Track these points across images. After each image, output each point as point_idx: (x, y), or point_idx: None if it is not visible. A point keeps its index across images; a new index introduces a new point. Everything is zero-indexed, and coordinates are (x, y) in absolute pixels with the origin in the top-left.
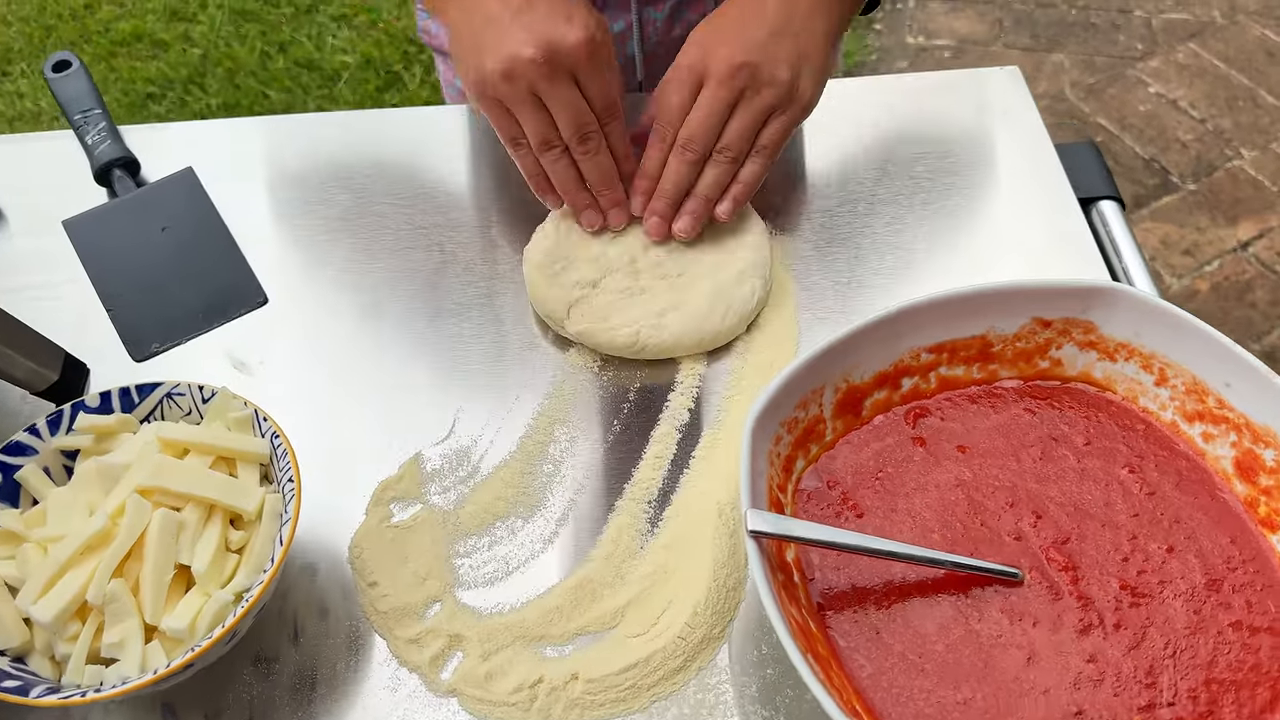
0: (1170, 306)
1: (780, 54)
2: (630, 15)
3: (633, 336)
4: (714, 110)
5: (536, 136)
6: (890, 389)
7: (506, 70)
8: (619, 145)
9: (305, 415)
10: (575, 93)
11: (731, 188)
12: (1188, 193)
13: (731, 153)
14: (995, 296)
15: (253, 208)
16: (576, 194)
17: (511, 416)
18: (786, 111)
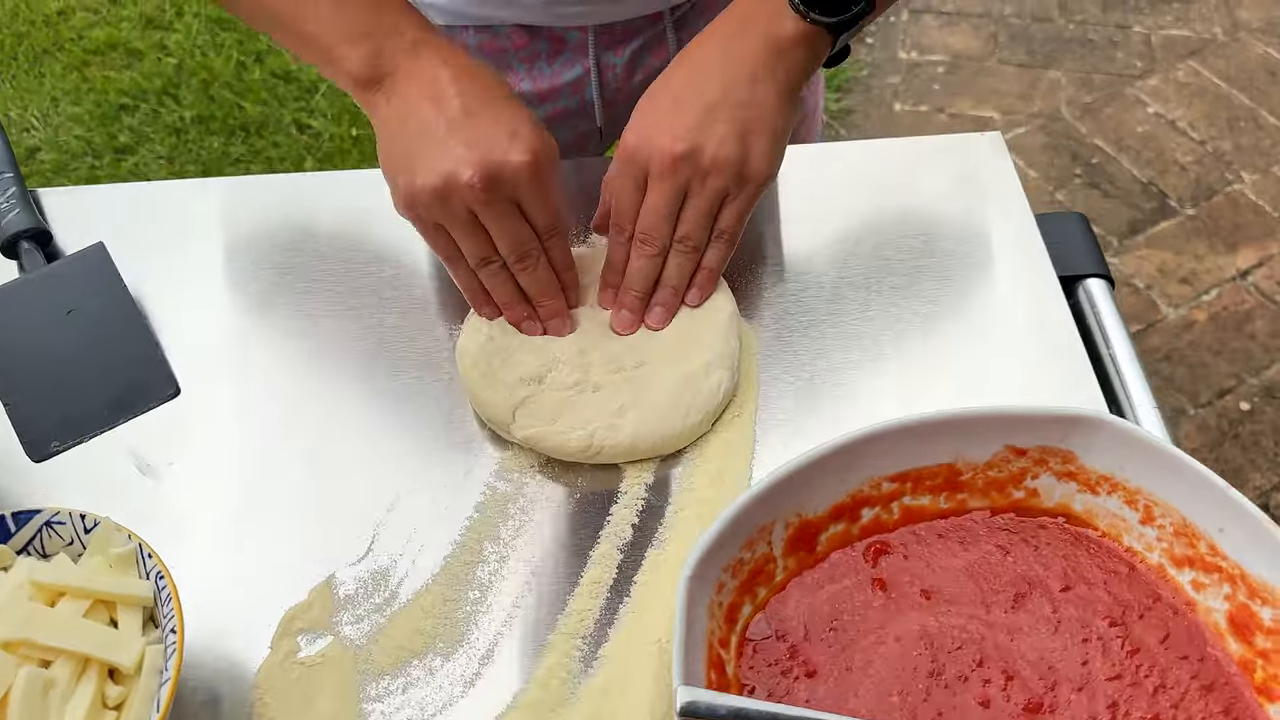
0: (1158, 440)
1: (722, 132)
2: (588, 61)
3: (586, 440)
4: (662, 205)
5: (473, 257)
6: (848, 521)
7: (440, 191)
8: (560, 258)
9: (212, 528)
10: (515, 215)
11: (697, 275)
12: (1186, 218)
13: (691, 242)
14: (964, 423)
15: (169, 284)
16: (516, 307)
17: (437, 531)
18: (741, 192)
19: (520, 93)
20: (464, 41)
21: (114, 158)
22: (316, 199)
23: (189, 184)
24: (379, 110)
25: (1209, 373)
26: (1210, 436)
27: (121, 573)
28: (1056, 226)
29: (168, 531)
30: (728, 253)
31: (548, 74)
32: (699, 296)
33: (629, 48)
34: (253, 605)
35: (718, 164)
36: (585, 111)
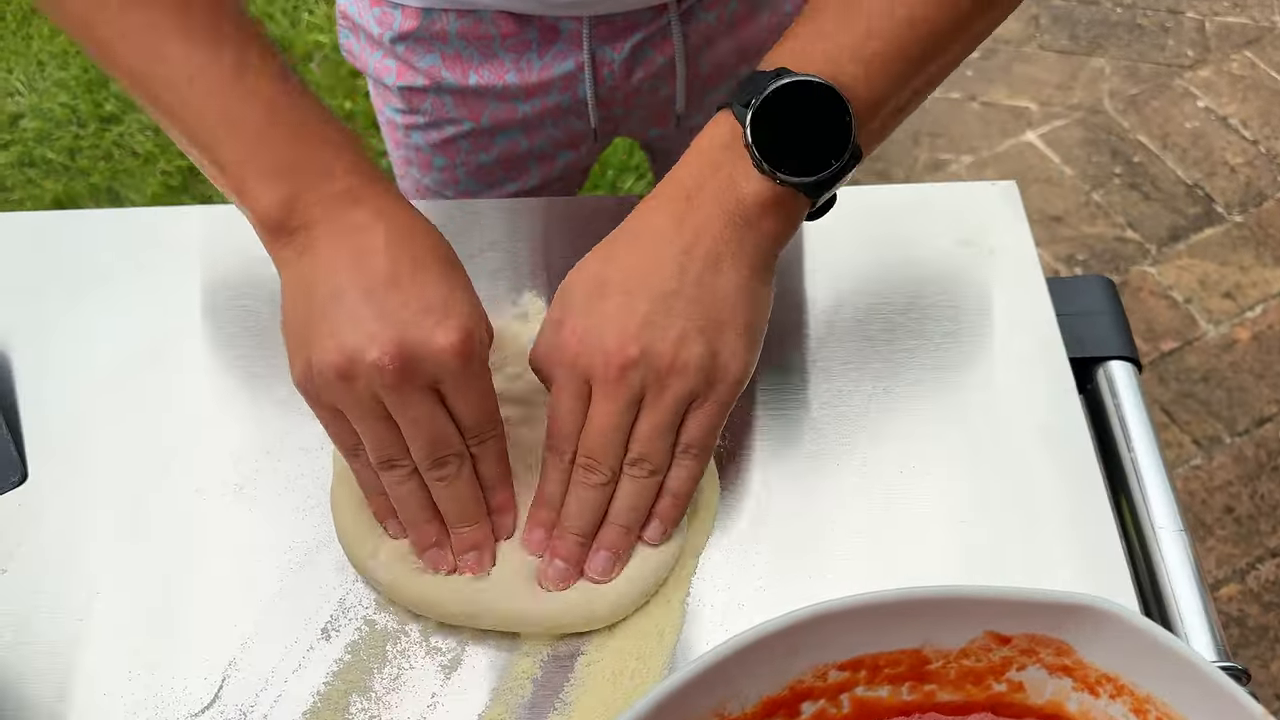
0: (1177, 644)
1: (681, 328)
2: (583, 55)
3: (463, 602)
4: (611, 420)
5: (376, 452)
6: (784, 718)
7: (341, 369)
8: (491, 470)
9: (37, 655)
10: (434, 407)
11: (659, 503)
12: (1232, 225)
13: (649, 464)
14: (937, 605)
15: (38, 339)
16: (423, 527)
17: (298, 678)
18: (709, 398)
19: (505, 85)
20: (443, 28)
21: (99, 127)
22: (211, 238)
23: (65, 216)
24: (287, 267)
25: (1249, 397)
26: (1247, 468)
27: None
28: (1076, 294)
29: None
30: (697, 473)
31: (537, 66)
32: (659, 531)
33: (629, 42)
34: None
35: (678, 367)
36: (577, 109)
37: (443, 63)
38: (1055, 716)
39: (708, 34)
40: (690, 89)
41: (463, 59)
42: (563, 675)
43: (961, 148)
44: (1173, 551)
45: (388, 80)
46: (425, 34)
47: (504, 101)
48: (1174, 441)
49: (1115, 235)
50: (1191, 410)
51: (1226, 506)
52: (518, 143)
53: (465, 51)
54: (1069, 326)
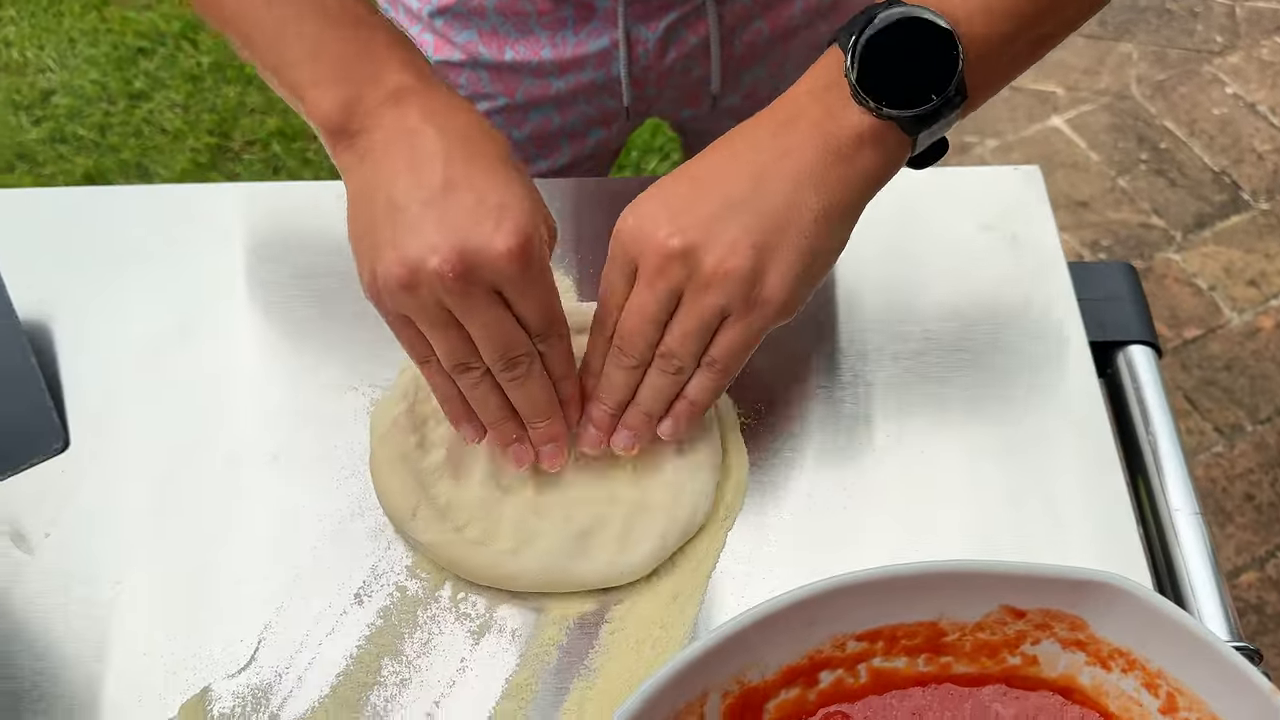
0: (1189, 621)
1: (734, 236)
2: (617, 32)
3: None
4: (644, 310)
5: (448, 359)
6: (803, 686)
7: (406, 280)
8: (558, 366)
9: (80, 617)
10: (500, 310)
11: (676, 404)
12: (1259, 213)
13: (676, 361)
14: (951, 579)
15: (75, 313)
16: (502, 425)
17: (332, 641)
18: (745, 318)
19: (540, 61)
20: (481, 3)
21: (129, 104)
22: (248, 215)
23: (105, 192)
24: (350, 173)
25: (1271, 385)
26: (1269, 456)
27: None
28: (1097, 279)
29: (30, 617)
30: (717, 388)
31: (572, 43)
32: (671, 429)
33: (663, 21)
34: (117, 716)
35: (720, 275)
36: (611, 87)
37: (479, 38)
38: (1068, 689)
39: (742, 14)
40: (725, 69)
41: (499, 34)
42: (588, 642)
43: (987, 131)
44: (1188, 534)
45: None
46: (463, 9)
47: (539, 78)
48: (1196, 429)
49: (1140, 221)
50: (1214, 398)
51: (1247, 494)
52: (550, 119)
53: (502, 27)
54: (1090, 311)
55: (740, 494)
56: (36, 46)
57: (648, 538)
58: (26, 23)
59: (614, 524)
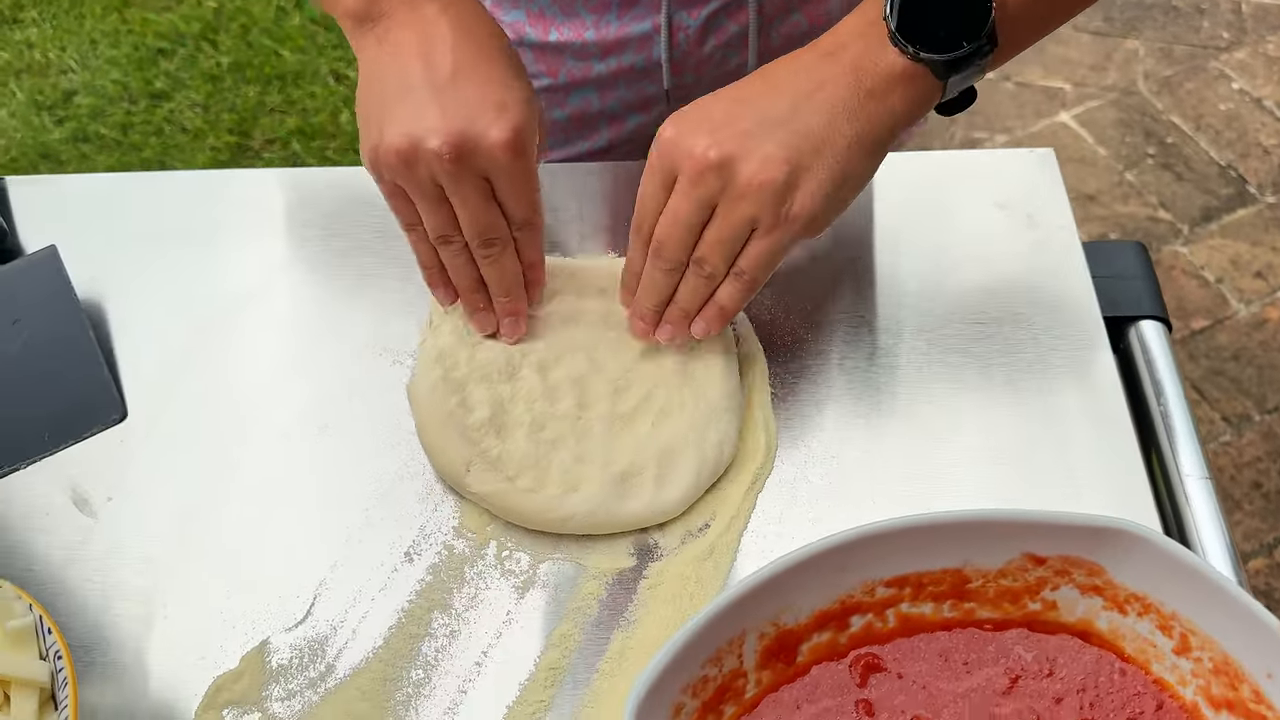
0: (1201, 564)
1: (770, 151)
2: (659, 17)
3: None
4: (680, 217)
5: (434, 230)
6: (834, 630)
7: (405, 154)
8: (530, 253)
9: (145, 574)
10: (484, 194)
11: (706, 308)
12: (1265, 206)
13: (708, 267)
14: (977, 527)
15: (129, 291)
16: (472, 294)
17: (384, 597)
18: (774, 231)
19: (584, 42)
20: None
21: (149, 104)
22: (296, 199)
23: (160, 177)
24: (366, 51)
25: (1278, 375)
26: (1276, 444)
27: (18, 648)
28: (1110, 257)
29: (96, 577)
30: (745, 295)
31: (615, 25)
32: (703, 329)
33: (705, 9)
34: (179, 668)
35: (754, 187)
36: (651, 72)
37: (527, 19)
38: (1086, 633)
39: (782, 6)
40: (762, 60)
41: (546, 16)
42: (626, 596)
43: (996, 127)
44: (1198, 496)
45: None
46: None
47: (582, 59)
48: (1204, 418)
49: (1148, 215)
50: (1222, 388)
51: (1255, 482)
52: (590, 101)
53: (549, 9)
54: (1103, 288)
55: (770, 458)
56: (59, 48)
57: (681, 478)
58: (49, 25)
59: (650, 468)
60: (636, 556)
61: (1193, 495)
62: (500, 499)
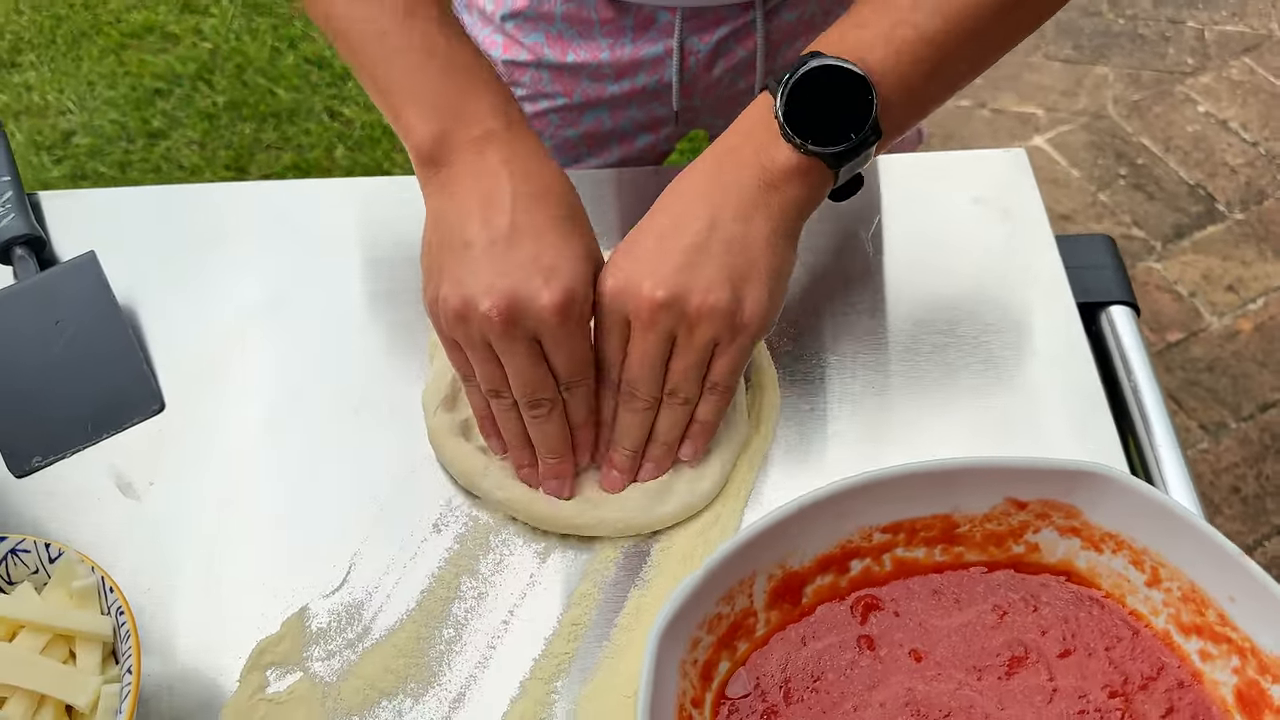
0: (1167, 500)
1: (710, 276)
2: (672, 41)
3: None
4: (646, 358)
5: (485, 384)
6: (836, 573)
7: (461, 312)
8: (578, 413)
9: (188, 551)
10: (533, 355)
11: (690, 428)
12: (1234, 222)
13: (681, 395)
14: (962, 474)
15: (162, 294)
16: (519, 450)
17: (415, 565)
18: (733, 343)
19: (599, 63)
20: (550, 9)
21: (147, 142)
22: (320, 208)
23: (189, 189)
24: (432, 198)
25: (1252, 384)
26: (1252, 451)
27: (82, 606)
28: (1081, 250)
29: (144, 552)
30: (723, 405)
31: (629, 48)
32: (692, 451)
33: (715, 34)
34: (224, 633)
35: (704, 312)
36: (662, 93)
37: (546, 41)
38: (1067, 572)
39: (788, 32)
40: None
41: (564, 39)
42: (640, 559)
43: None
44: (1167, 458)
45: (494, 54)
46: (534, 13)
47: (596, 80)
48: (1182, 426)
49: (1121, 233)
50: (1198, 397)
51: (1233, 487)
52: (603, 120)
53: (567, 33)
54: (1075, 278)
55: (770, 437)
56: (57, 90)
57: (713, 466)
58: (47, 68)
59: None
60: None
61: (1163, 460)
62: (525, 505)
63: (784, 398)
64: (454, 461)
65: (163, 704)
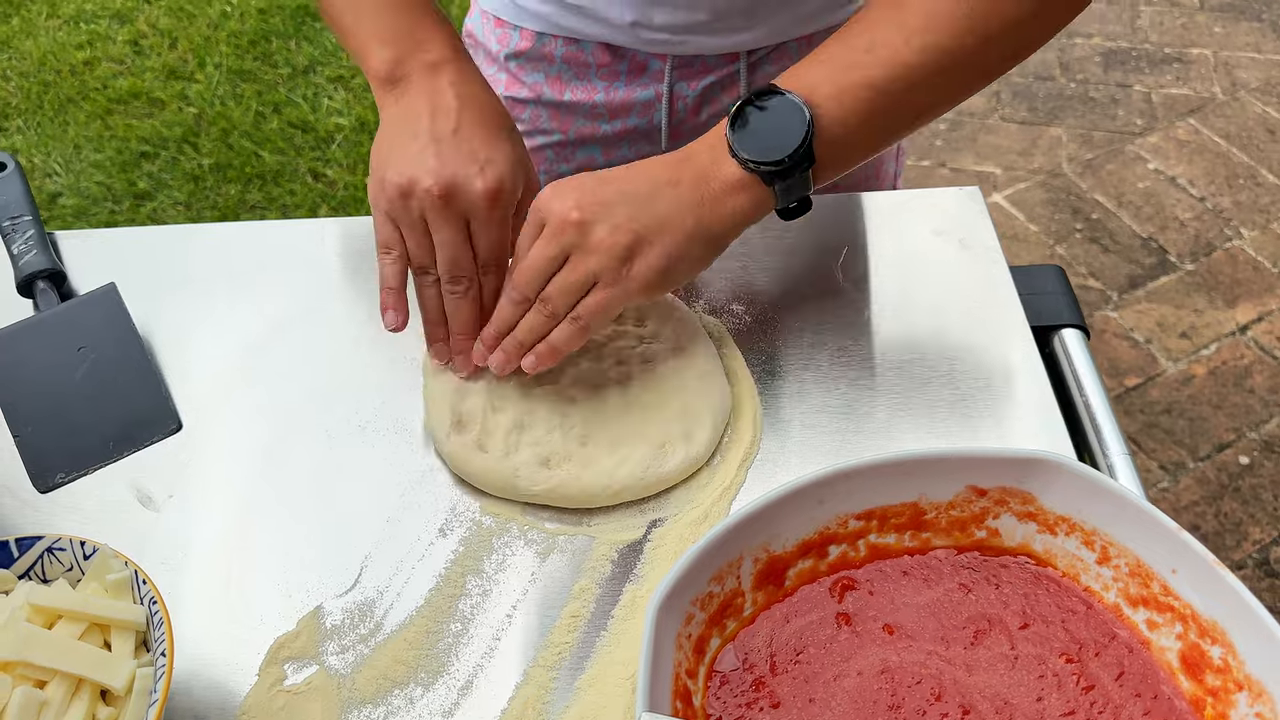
0: (1112, 483)
1: (619, 221)
2: (662, 86)
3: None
4: (538, 260)
5: (414, 259)
6: (816, 558)
7: (404, 189)
8: (492, 298)
9: (206, 557)
10: (462, 235)
11: (541, 343)
12: (1185, 273)
13: (550, 306)
14: (928, 463)
15: (177, 324)
16: (434, 326)
17: (423, 565)
18: (610, 287)
19: (593, 103)
20: (551, 51)
21: (133, 203)
22: (321, 244)
23: (199, 228)
24: (387, 108)
25: (1208, 426)
26: (1210, 490)
27: (116, 598)
28: (1035, 279)
29: (164, 560)
30: (576, 340)
31: (622, 91)
32: (532, 362)
33: (703, 82)
34: (242, 633)
35: (601, 246)
36: (652, 134)
37: (545, 81)
38: (1026, 554)
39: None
40: None
41: (562, 79)
42: (634, 556)
43: None
44: (1120, 466)
45: (498, 90)
46: (536, 54)
47: (591, 119)
48: (1143, 467)
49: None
50: (1157, 439)
51: (1193, 525)
52: (595, 158)
53: (565, 74)
54: (1028, 303)
55: (756, 443)
56: (44, 153)
57: (702, 429)
58: (34, 132)
59: (675, 427)
60: (642, 527)
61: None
62: (563, 490)
63: (765, 409)
64: (483, 475)
65: (185, 698)
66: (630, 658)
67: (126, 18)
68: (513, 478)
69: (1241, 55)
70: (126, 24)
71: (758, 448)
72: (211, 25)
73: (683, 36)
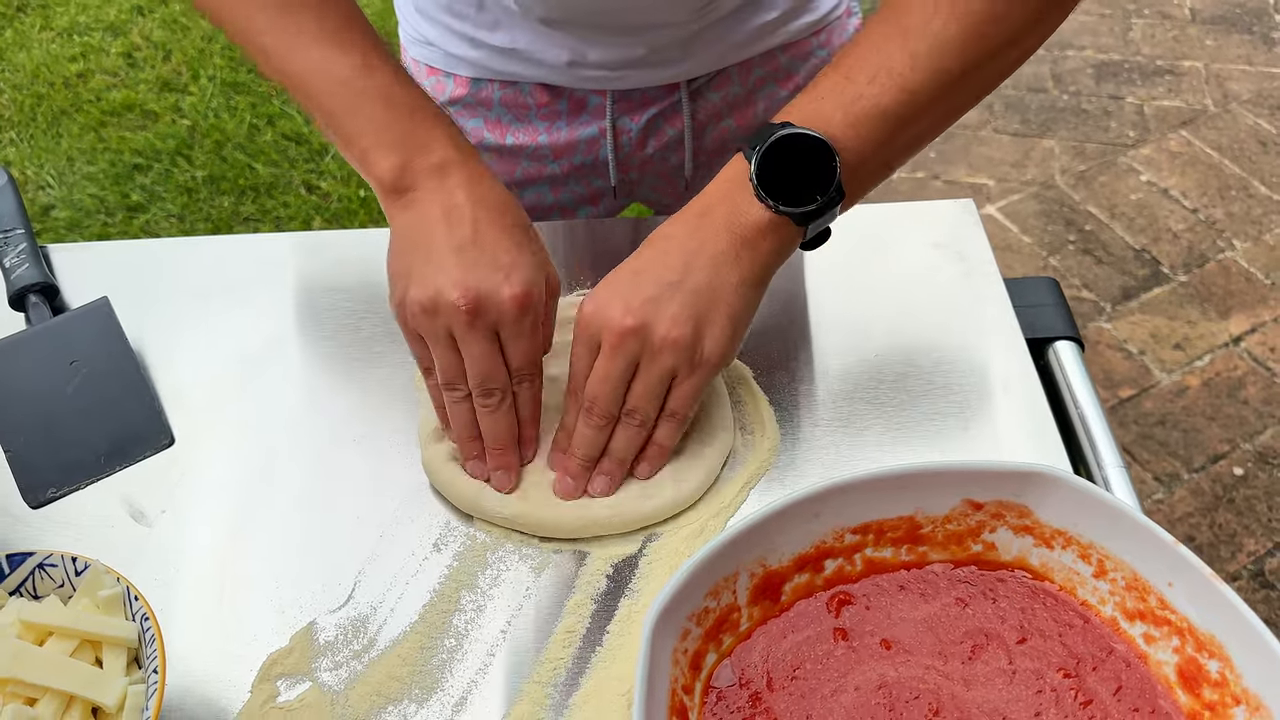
0: (1108, 496)
1: (675, 312)
2: (605, 122)
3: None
4: (610, 376)
5: (443, 375)
6: (812, 572)
7: (428, 306)
8: (527, 408)
9: (199, 573)
10: (492, 347)
11: (647, 449)
12: (1178, 284)
13: (639, 416)
14: (924, 477)
15: (169, 337)
16: (468, 442)
17: (416, 581)
18: (691, 375)
19: (537, 145)
20: (488, 95)
21: (126, 215)
22: (315, 257)
23: (192, 241)
24: (396, 219)
25: (1202, 438)
26: (1204, 501)
27: (108, 614)
28: (1029, 291)
29: (157, 576)
30: (677, 432)
31: (565, 131)
32: (647, 469)
33: (645, 114)
34: (235, 649)
35: (668, 343)
36: (599, 169)
37: (485, 125)
38: (1022, 568)
39: (712, 111)
40: (697, 159)
41: (502, 123)
42: (629, 571)
43: None
44: (1115, 479)
45: None
46: (473, 100)
47: (536, 161)
48: (1137, 478)
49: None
50: (1151, 450)
51: (1188, 536)
52: (545, 195)
53: (505, 118)
54: (1023, 316)
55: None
56: (36, 165)
57: (698, 468)
58: (27, 144)
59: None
60: (637, 541)
61: (1111, 479)
62: (528, 518)
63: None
64: (450, 486)
65: (178, 715)
66: (626, 673)
67: (120, 30)
68: (478, 496)
69: (1233, 68)
70: (120, 36)
71: (769, 466)
72: (205, 38)
73: (620, 72)
